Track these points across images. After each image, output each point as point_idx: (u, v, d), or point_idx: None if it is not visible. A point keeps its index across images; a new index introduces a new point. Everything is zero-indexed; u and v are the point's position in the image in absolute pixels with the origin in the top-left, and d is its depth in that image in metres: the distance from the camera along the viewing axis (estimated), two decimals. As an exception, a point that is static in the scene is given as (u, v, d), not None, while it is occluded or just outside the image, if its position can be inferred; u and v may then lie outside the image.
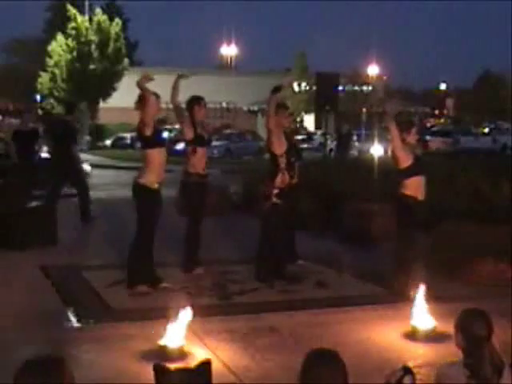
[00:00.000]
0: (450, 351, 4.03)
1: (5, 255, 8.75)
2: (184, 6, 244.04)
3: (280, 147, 7.63)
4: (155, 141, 7.12)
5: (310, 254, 8.89)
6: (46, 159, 13.02)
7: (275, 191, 7.55)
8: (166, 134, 36.70)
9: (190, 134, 7.79)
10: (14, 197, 9.91)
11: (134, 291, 7.03)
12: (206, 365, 3.84)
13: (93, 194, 17.69)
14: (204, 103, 7.93)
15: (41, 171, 12.35)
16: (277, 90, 7.53)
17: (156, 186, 7.07)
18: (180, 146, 23.42)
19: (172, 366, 4.07)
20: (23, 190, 10.64)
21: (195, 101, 7.85)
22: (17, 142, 12.46)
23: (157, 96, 7.06)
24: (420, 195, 7.11)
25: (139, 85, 6.92)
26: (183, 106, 7.91)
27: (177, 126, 28.26)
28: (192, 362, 4.69)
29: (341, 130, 24.01)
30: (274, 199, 7.55)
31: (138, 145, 7.56)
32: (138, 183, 7.09)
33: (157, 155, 7.07)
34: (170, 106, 7.88)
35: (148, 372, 4.18)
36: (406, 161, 7.11)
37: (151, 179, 7.03)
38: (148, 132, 7.03)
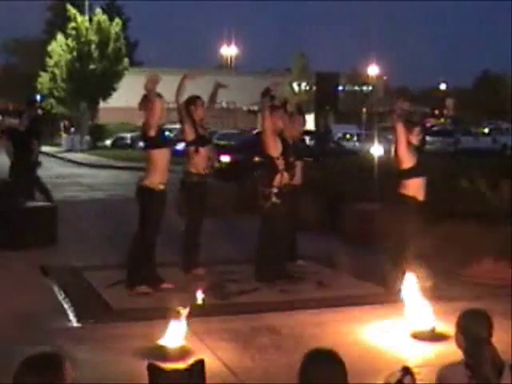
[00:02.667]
0: (451, 351, 4.04)
1: (5, 255, 8.75)
2: (184, 5, 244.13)
3: (275, 149, 7.62)
4: (159, 141, 7.14)
5: (310, 254, 8.89)
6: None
7: (274, 191, 7.56)
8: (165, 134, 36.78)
9: (191, 135, 7.81)
10: (14, 197, 9.91)
11: (135, 291, 7.03)
12: (199, 364, 3.83)
13: (93, 194, 17.80)
14: (201, 103, 7.92)
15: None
16: (265, 93, 7.58)
17: (160, 187, 7.08)
18: (180, 146, 23.38)
19: (166, 365, 4.07)
20: (23, 190, 10.65)
21: (191, 101, 7.84)
22: (14, 141, 12.45)
23: (160, 97, 7.09)
24: (420, 196, 7.13)
25: (147, 88, 6.96)
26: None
27: (177, 126, 28.37)
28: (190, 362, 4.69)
29: (319, 128, 21.88)
30: (274, 199, 7.56)
31: (141, 145, 7.58)
32: (141, 185, 7.09)
33: (160, 156, 7.08)
34: (171, 105, 7.89)
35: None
36: (408, 161, 7.12)
37: (155, 180, 7.04)
38: (152, 133, 7.05)
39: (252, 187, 9.04)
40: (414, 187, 7.11)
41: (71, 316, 6.36)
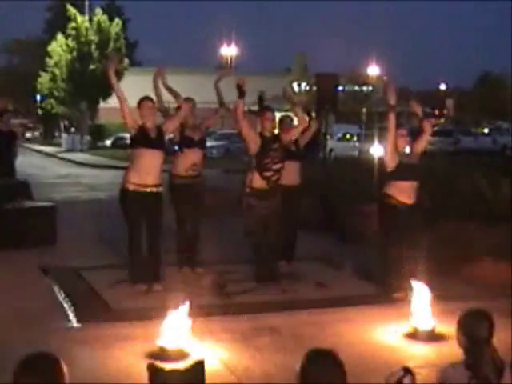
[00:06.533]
0: (450, 351, 4.04)
1: (4, 255, 8.74)
2: (184, 5, 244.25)
3: (253, 148, 7.46)
4: (137, 141, 7.11)
5: (310, 253, 8.89)
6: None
7: (247, 190, 7.48)
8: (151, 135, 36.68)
9: (176, 136, 7.85)
10: (14, 196, 9.91)
11: (132, 289, 7.06)
12: (199, 365, 3.84)
13: (93, 194, 17.79)
14: (192, 104, 7.88)
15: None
16: (241, 94, 7.29)
17: (133, 187, 6.98)
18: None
19: (166, 365, 4.07)
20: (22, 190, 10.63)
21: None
22: None
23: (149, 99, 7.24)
24: (406, 199, 7.07)
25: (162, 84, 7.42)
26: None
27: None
28: (190, 362, 4.69)
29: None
30: (246, 198, 7.47)
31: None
32: (121, 184, 7.16)
33: (136, 155, 7.08)
34: (171, 105, 7.89)
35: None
36: (390, 164, 7.12)
37: (131, 180, 7.02)
38: (132, 131, 7.11)
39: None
40: (397, 187, 7.08)
41: (71, 316, 6.35)
